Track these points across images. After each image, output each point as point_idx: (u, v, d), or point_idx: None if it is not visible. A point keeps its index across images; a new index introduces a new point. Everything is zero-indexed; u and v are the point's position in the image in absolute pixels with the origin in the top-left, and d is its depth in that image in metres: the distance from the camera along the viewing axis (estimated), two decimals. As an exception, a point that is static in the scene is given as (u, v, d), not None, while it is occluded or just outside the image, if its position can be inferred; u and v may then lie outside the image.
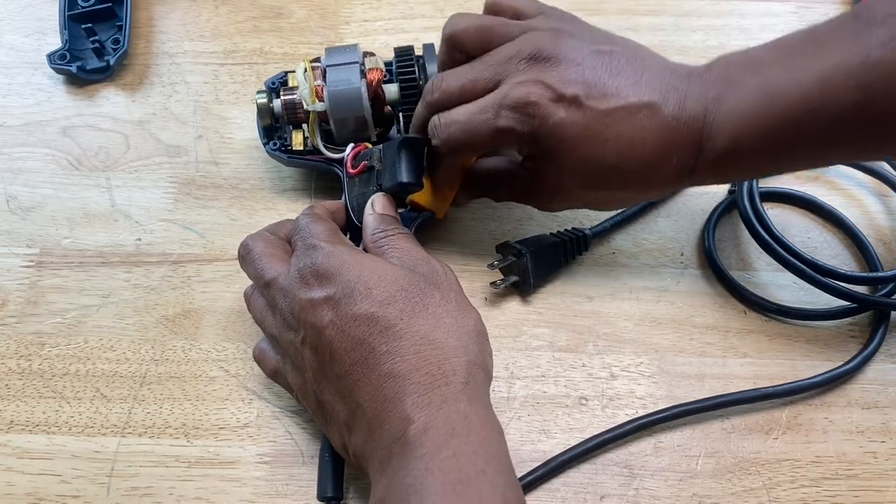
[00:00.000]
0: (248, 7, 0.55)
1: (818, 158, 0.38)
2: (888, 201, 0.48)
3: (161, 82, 0.52)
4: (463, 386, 0.32)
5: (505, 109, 0.37)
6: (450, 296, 0.35)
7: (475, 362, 0.33)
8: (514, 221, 0.47)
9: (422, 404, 0.31)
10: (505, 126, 0.37)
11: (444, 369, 0.32)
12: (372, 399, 0.32)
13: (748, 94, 0.35)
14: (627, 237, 0.47)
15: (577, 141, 0.36)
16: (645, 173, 0.37)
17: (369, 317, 0.33)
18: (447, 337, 0.33)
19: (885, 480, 0.39)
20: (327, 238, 0.37)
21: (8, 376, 0.42)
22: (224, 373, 0.42)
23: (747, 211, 0.44)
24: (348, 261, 0.35)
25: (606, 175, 0.38)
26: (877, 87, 0.33)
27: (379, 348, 0.32)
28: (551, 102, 0.36)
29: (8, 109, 0.51)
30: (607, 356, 0.42)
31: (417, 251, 0.37)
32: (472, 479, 0.29)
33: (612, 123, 0.36)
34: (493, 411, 0.33)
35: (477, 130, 0.37)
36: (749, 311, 0.44)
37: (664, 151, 0.37)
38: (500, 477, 0.30)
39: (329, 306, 0.34)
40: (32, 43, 0.54)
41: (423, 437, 0.30)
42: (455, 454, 0.30)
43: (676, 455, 0.40)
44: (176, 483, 0.39)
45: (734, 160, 0.37)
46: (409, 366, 0.32)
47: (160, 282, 0.45)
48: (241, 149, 0.49)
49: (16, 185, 0.48)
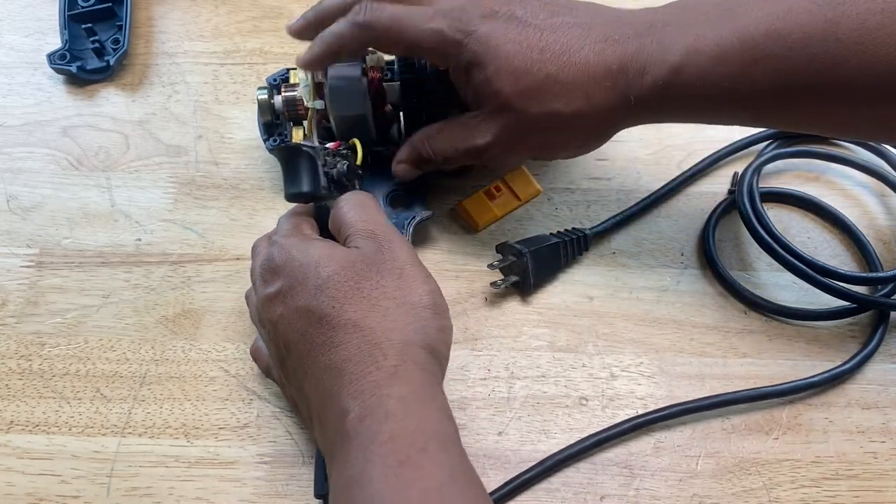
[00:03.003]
0: (248, 7, 0.55)
1: (770, 102, 0.36)
2: (888, 201, 0.48)
3: (161, 82, 0.52)
4: (395, 369, 0.31)
5: (439, 14, 0.37)
6: (390, 274, 0.34)
7: (412, 341, 0.32)
8: (514, 221, 0.47)
9: (355, 393, 0.30)
10: (436, 27, 0.37)
11: (374, 355, 0.31)
12: (317, 393, 0.32)
13: (705, 13, 0.35)
14: (627, 237, 0.47)
15: (509, 49, 0.36)
16: (582, 88, 0.36)
17: (307, 308, 0.33)
18: (381, 320, 0.32)
19: (885, 480, 0.39)
20: (287, 232, 0.37)
21: (8, 376, 0.42)
22: (224, 373, 0.42)
23: (747, 211, 0.44)
24: (294, 253, 0.35)
25: (541, 88, 0.37)
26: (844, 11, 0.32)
27: (316, 340, 0.32)
28: (485, 13, 0.37)
29: (8, 109, 0.51)
30: (607, 356, 0.42)
31: (365, 223, 0.36)
32: (412, 458, 0.29)
33: (546, 34, 0.36)
34: (440, 390, 0.33)
35: (405, 22, 0.37)
36: (749, 312, 0.44)
37: (602, 63, 0.36)
38: (443, 454, 0.29)
39: (279, 300, 0.34)
40: (32, 43, 0.54)
41: (360, 426, 0.30)
42: (392, 437, 0.29)
43: (676, 455, 0.40)
44: (176, 483, 0.39)
45: (680, 87, 0.36)
46: (342, 356, 0.31)
47: (160, 282, 0.45)
48: (241, 149, 0.49)
49: (16, 185, 0.48)
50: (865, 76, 0.33)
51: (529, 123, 0.38)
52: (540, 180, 0.48)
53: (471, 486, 0.30)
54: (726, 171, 0.49)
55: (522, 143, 0.40)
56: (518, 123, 0.38)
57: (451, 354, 0.39)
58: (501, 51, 0.36)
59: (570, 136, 0.39)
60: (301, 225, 0.38)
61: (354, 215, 0.36)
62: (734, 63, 0.35)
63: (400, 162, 0.42)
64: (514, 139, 0.39)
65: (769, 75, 0.35)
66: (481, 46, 0.37)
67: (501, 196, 0.47)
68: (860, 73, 0.33)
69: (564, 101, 0.37)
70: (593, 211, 0.47)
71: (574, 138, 0.40)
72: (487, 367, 0.42)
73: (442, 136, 0.41)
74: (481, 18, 0.37)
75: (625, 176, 0.48)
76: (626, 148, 0.49)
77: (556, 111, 0.37)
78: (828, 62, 0.33)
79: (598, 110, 0.37)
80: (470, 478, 0.30)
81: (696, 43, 0.35)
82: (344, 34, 0.39)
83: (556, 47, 0.37)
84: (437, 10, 0.38)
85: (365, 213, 0.37)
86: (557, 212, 0.47)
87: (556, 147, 0.41)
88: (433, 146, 0.41)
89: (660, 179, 0.48)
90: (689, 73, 0.35)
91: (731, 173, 0.48)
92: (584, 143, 0.41)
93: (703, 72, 0.35)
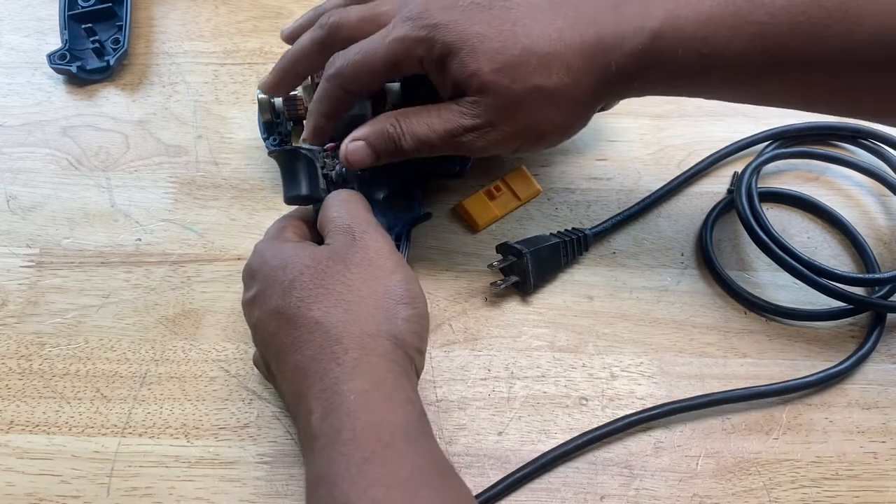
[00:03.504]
0: (248, 7, 0.55)
1: (751, 70, 0.36)
2: (886, 202, 0.48)
3: (161, 82, 0.52)
4: (355, 362, 0.31)
5: (398, 23, 0.36)
6: (357, 267, 0.33)
7: (375, 332, 0.32)
8: (514, 221, 0.47)
9: (318, 392, 0.30)
10: (398, 34, 0.36)
11: (335, 351, 0.31)
12: (289, 393, 0.32)
13: None
14: (627, 237, 0.47)
15: (479, 29, 0.35)
16: (561, 58, 0.35)
17: (276, 310, 0.33)
18: (343, 315, 0.32)
19: (885, 481, 0.39)
20: (267, 237, 0.37)
21: (8, 376, 0.42)
22: (224, 373, 0.42)
23: (745, 211, 0.44)
24: (266, 257, 0.35)
25: (519, 63, 0.35)
26: None
27: (285, 340, 0.32)
28: (446, 5, 0.36)
29: (8, 109, 0.51)
30: (607, 356, 0.42)
31: (343, 219, 0.35)
32: (376, 454, 0.28)
33: (514, 11, 0.36)
34: (406, 378, 0.32)
35: (368, 51, 0.37)
36: (749, 312, 0.44)
37: (578, 32, 0.36)
38: (407, 446, 0.29)
39: (256, 305, 0.34)
40: (32, 43, 0.54)
41: (323, 425, 0.30)
42: (355, 435, 0.29)
43: (676, 455, 0.40)
44: (176, 483, 0.39)
45: (660, 54, 0.35)
46: (307, 355, 0.31)
47: (160, 282, 0.45)
48: (241, 149, 0.49)
49: (16, 185, 0.48)
50: (847, 44, 0.33)
51: (513, 101, 0.36)
52: (540, 180, 0.48)
53: (440, 475, 0.30)
54: (726, 171, 0.49)
55: (507, 125, 0.37)
56: (502, 102, 0.36)
57: (451, 354, 0.39)
58: (471, 32, 0.35)
59: (555, 112, 0.37)
60: (284, 230, 0.38)
61: (334, 212, 0.36)
62: (715, 30, 0.34)
63: (356, 139, 0.38)
64: (499, 120, 0.37)
65: (751, 43, 0.34)
66: (450, 34, 0.35)
67: (501, 196, 0.47)
68: (842, 42, 0.33)
69: (545, 75, 0.35)
70: (593, 211, 0.47)
71: (559, 114, 0.37)
72: (487, 367, 0.42)
73: (419, 117, 0.37)
74: (442, 10, 0.36)
75: (625, 176, 0.48)
76: (626, 148, 0.50)
77: (538, 85, 0.36)
78: (810, 29, 0.33)
79: (580, 81, 0.36)
80: (439, 468, 0.30)
81: (675, 9, 0.35)
82: (319, 93, 0.39)
83: (527, 20, 0.36)
84: (394, 22, 0.37)
85: (344, 209, 0.36)
86: (557, 212, 0.47)
87: (542, 126, 0.38)
88: (407, 126, 0.37)
89: (660, 179, 0.48)
90: (668, 39, 0.35)
91: (730, 173, 0.48)
92: (568, 121, 0.38)
93: (682, 38, 0.35)
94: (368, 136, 0.38)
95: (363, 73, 0.37)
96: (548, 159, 0.49)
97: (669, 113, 0.51)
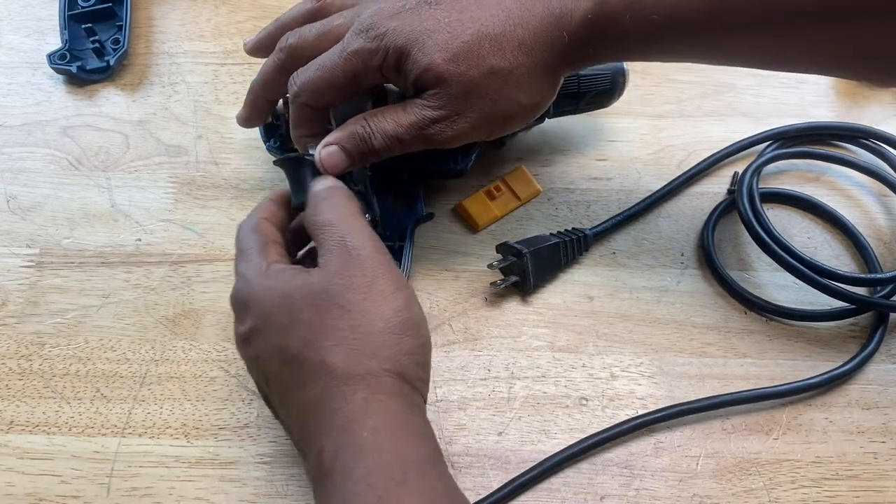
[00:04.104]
0: (248, 7, 0.55)
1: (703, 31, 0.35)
2: (887, 202, 0.48)
3: (161, 82, 0.52)
4: (364, 402, 0.30)
5: (350, 38, 0.37)
6: (355, 297, 0.32)
7: (380, 371, 0.31)
8: (514, 221, 0.47)
9: (327, 430, 0.30)
10: (352, 48, 0.36)
11: (342, 391, 0.31)
12: (297, 431, 0.32)
13: None
14: (627, 237, 0.47)
15: (427, 26, 0.36)
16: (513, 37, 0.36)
17: (278, 348, 0.32)
18: (346, 354, 0.31)
19: (885, 481, 0.39)
20: (252, 257, 0.35)
21: (8, 376, 0.42)
22: (224, 373, 0.42)
23: (747, 212, 0.44)
24: (258, 289, 0.33)
25: (471, 49, 0.36)
26: None
27: (290, 380, 0.32)
28: (392, 13, 0.36)
29: (8, 109, 0.51)
30: (607, 356, 0.42)
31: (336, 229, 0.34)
32: (391, 493, 0.28)
33: (457, 2, 0.36)
34: (417, 413, 0.32)
35: (327, 67, 0.37)
36: (749, 312, 0.44)
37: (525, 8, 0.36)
38: (422, 482, 0.29)
39: (252, 341, 0.33)
40: (32, 43, 0.54)
41: (335, 465, 0.29)
42: (368, 472, 0.29)
43: (677, 455, 0.40)
44: (176, 483, 0.39)
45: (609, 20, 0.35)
46: (313, 394, 0.31)
47: (160, 282, 0.45)
48: (241, 149, 0.49)
49: (16, 185, 0.48)
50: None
51: (472, 86, 0.36)
52: (540, 180, 0.48)
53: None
54: (726, 171, 0.49)
55: (471, 112, 0.37)
56: (461, 91, 0.36)
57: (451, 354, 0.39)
58: (419, 30, 0.36)
59: (516, 91, 0.37)
60: (268, 247, 0.36)
61: (324, 217, 0.35)
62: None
63: (328, 144, 0.38)
64: (463, 108, 0.37)
65: (700, 3, 0.34)
66: (399, 37, 0.36)
67: (501, 196, 0.47)
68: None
69: (500, 55, 0.36)
70: (593, 211, 0.47)
71: (520, 94, 0.37)
72: (487, 367, 0.42)
73: (386, 115, 0.38)
74: (390, 18, 0.36)
75: (625, 176, 0.48)
76: (626, 148, 0.50)
77: (495, 67, 0.36)
78: None
79: (534, 57, 0.36)
80: (453, 500, 0.30)
81: None
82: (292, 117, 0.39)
83: (473, 8, 0.36)
84: (347, 37, 0.37)
85: (333, 213, 0.35)
86: (557, 212, 0.47)
87: (506, 108, 0.38)
88: (376, 125, 0.37)
89: (660, 179, 0.48)
90: (613, 4, 0.35)
91: (731, 173, 0.48)
92: (531, 98, 0.38)
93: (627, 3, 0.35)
94: (340, 139, 0.38)
95: (324, 88, 0.37)
96: (548, 159, 0.49)
97: (669, 113, 0.51)
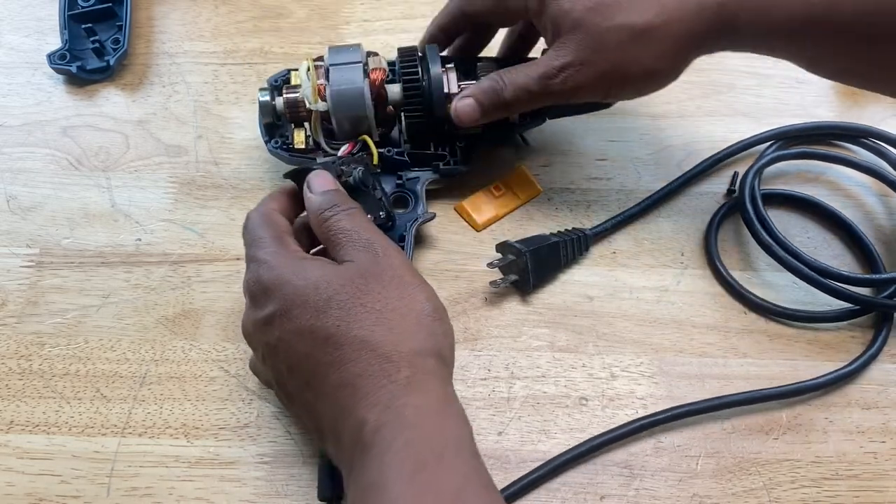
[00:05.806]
0: (248, 7, 0.55)
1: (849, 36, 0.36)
2: (888, 201, 0.48)
3: (161, 82, 0.52)
4: (408, 380, 0.31)
5: None
6: (390, 285, 0.33)
7: (421, 351, 0.32)
8: (514, 221, 0.47)
9: (370, 406, 0.30)
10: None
11: (386, 369, 0.31)
12: (330, 410, 0.32)
13: None
14: (627, 237, 0.46)
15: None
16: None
17: (310, 329, 0.32)
18: (387, 333, 0.32)
19: (885, 481, 0.39)
20: (271, 245, 0.35)
21: (8, 376, 0.42)
22: (224, 373, 0.42)
23: (749, 213, 0.44)
24: (286, 273, 0.34)
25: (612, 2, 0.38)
26: None
27: (324, 360, 0.32)
28: None
29: (8, 109, 0.51)
30: (607, 356, 0.42)
31: (359, 233, 0.35)
32: (428, 465, 0.29)
33: None
34: (453, 395, 0.33)
35: None
36: (749, 312, 0.44)
37: None
38: (458, 459, 0.30)
39: (275, 324, 0.33)
40: (32, 43, 0.54)
41: (376, 436, 0.30)
42: (408, 443, 0.29)
43: (676, 455, 0.40)
44: (176, 483, 0.39)
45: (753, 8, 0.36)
46: (353, 372, 0.31)
47: (160, 282, 0.45)
48: (241, 149, 0.49)
49: (16, 185, 0.48)
50: None
51: (602, 38, 0.38)
52: (540, 180, 0.48)
53: (486, 489, 0.30)
54: (727, 171, 0.49)
55: (596, 64, 0.39)
56: (592, 40, 0.38)
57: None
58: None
59: (642, 52, 0.38)
60: (283, 237, 0.36)
61: (347, 224, 0.36)
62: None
63: (465, 97, 0.42)
64: (588, 59, 0.39)
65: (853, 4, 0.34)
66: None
67: (501, 196, 0.47)
68: None
69: (637, 13, 0.38)
70: (593, 211, 0.47)
71: (646, 55, 0.39)
72: (487, 367, 0.42)
73: (518, 69, 0.41)
74: None
75: (625, 176, 0.48)
76: (626, 148, 0.50)
77: (628, 23, 0.38)
78: None
79: (670, 23, 0.38)
80: (485, 482, 0.30)
81: None
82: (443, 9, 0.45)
83: None
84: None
85: (354, 221, 0.36)
86: (557, 212, 0.47)
87: (629, 67, 0.39)
88: (508, 78, 0.41)
89: (660, 179, 0.48)
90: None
91: (731, 174, 0.48)
92: (655, 63, 0.39)
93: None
94: (475, 93, 0.42)
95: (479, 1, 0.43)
96: (548, 159, 0.49)
97: (669, 113, 0.51)
